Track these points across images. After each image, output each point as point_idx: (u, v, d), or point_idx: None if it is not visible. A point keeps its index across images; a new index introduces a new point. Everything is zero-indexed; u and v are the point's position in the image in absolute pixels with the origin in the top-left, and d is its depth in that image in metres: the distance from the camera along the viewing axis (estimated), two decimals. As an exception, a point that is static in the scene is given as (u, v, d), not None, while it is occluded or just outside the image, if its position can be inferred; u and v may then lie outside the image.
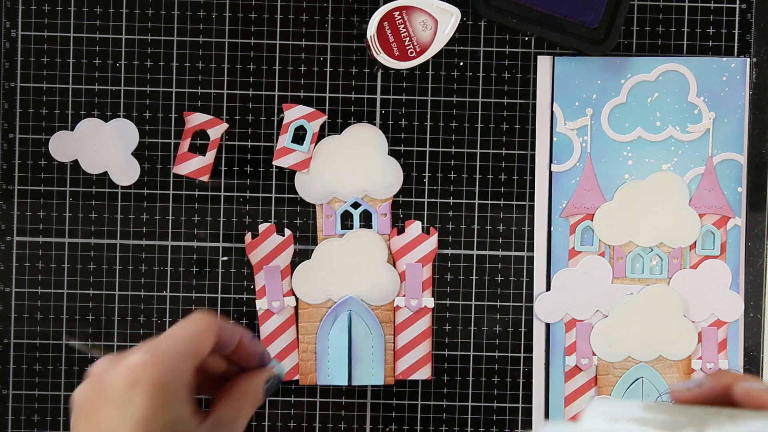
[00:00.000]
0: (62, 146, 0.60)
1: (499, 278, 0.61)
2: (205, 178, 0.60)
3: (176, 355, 0.47)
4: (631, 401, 0.38)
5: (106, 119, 0.60)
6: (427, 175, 0.61)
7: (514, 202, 0.61)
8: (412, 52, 0.57)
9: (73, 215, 0.61)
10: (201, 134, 0.60)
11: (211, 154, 0.60)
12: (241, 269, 0.61)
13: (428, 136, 0.61)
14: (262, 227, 0.61)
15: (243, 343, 0.48)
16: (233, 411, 0.49)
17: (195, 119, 0.60)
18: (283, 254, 0.61)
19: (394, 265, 0.61)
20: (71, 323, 0.61)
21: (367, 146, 0.61)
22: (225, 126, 0.60)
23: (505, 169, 0.61)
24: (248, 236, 0.61)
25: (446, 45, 0.59)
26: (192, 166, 0.60)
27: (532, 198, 0.61)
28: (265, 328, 0.61)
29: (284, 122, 0.60)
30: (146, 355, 0.46)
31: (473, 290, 0.61)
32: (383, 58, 0.56)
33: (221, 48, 0.60)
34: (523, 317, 0.62)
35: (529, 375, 0.62)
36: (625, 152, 0.61)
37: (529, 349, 0.62)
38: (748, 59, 0.61)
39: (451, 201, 0.61)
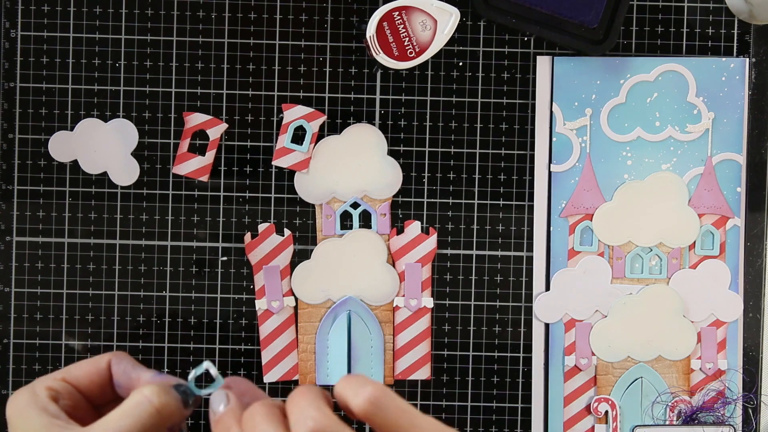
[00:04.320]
0: (62, 146, 0.60)
1: (499, 278, 0.61)
2: (204, 178, 0.60)
3: None
4: None
5: (105, 119, 0.60)
6: (426, 175, 0.61)
7: (514, 202, 0.61)
8: (411, 53, 0.57)
9: (72, 215, 0.61)
10: (200, 134, 0.60)
11: (210, 154, 0.60)
12: (240, 269, 0.61)
13: (427, 136, 0.61)
14: (262, 227, 0.61)
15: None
16: None
17: (194, 119, 0.60)
18: (282, 254, 0.61)
19: (394, 265, 0.61)
20: (71, 323, 0.61)
21: (366, 146, 0.61)
22: (224, 126, 0.60)
23: (504, 169, 0.61)
24: (248, 236, 0.61)
25: (445, 45, 0.59)
26: (191, 166, 0.60)
27: (531, 198, 0.61)
28: (265, 328, 0.61)
29: (284, 122, 0.60)
30: None
31: (472, 290, 0.61)
32: (383, 58, 0.56)
33: (221, 48, 0.60)
34: (523, 317, 0.62)
35: (528, 375, 0.62)
36: (624, 152, 0.61)
37: (528, 349, 0.62)
38: (747, 59, 0.61)
39: (451, 201, 0.61)
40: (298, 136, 0.60)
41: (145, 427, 0.40)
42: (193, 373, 0.42)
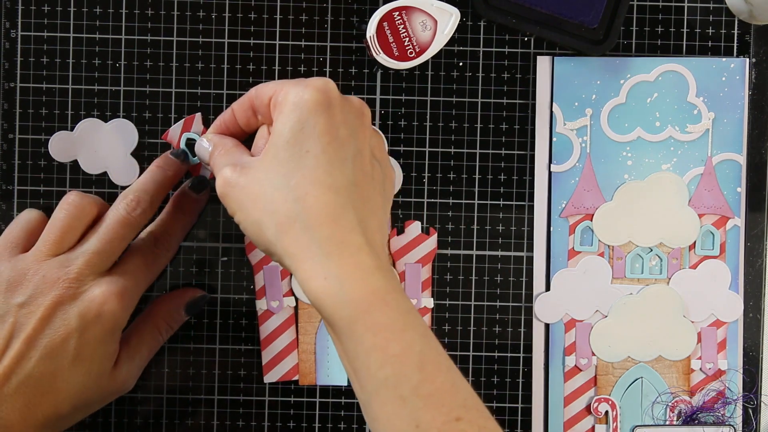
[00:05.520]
0: (62, 146, 0.60)
1: (499, 278, 0.61)
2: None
3: (135, 297, 0.54)
4: None
5: (105, 119, 0.60)
6: (426, 175, 0.61)
7: (514, 203, 0.61)
8: (411, 53, 0.57)
9: (72, 215, 0.60)
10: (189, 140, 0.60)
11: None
12: (240, 269, 0.61)
13: (428, 136, 0.61)
14: (262, 227, 0.61)
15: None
16: (142, 346, 0.57)
17: (174, 133, 0.60)
18: (282, 254, 0.61)
19: (394, 265, 0.61)
20: (71, 323, 0.61)
21: (366, 146, 0.61)
22: (199, 116, 0.60)
23: (504, 170, 0.61)
24: (248, 236, 0.61)
25: (446, 45, 0.59)
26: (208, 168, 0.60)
27: (531, 198, 0.61)
28: (265, 329, 0.61)
29: (284, 122, 0.60)
30: (120, 294, 0.52)
31: (473, 290, 0.61)
32: (383, 59, 0.56)
33: (221, 48, 0.60)
34: (523, 317, 0.62)
35: (528, 375, 0.62)
36: (624, 152, 0.61)
37: (528, 349, 0.62)
38: (748, 59, 0.61)
39: (451, 201, 0.61)
40: (298, 136, 0.60)
41: (156, 180, 0.56)
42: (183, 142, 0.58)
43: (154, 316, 0.58)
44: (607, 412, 0.61)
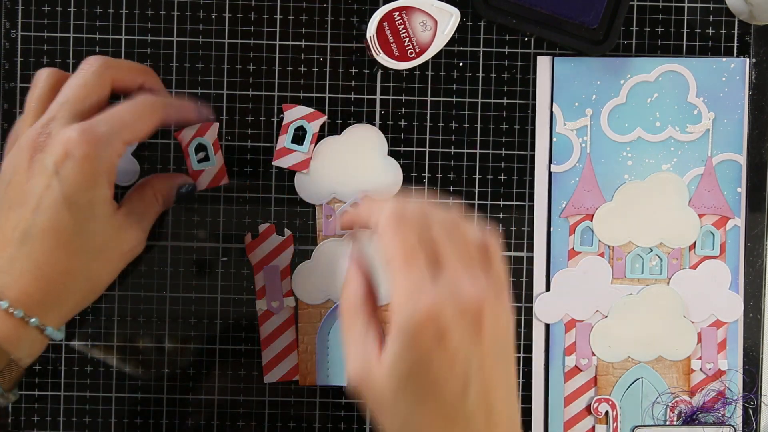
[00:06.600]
0: (62, 146, 0.60)
1: (499, 278, 0.61)
2: (225, 180, 0.60)
3: (111, 138, 0.50)
4: None
5: (105, 119, 0.60)
6: (426, 175, 0.61)
7: (514, 203, 0.61)
8: (411, 53, 0.57)
9: (72, 215, 0.60)
10: (199, 146, 0.60)
11: (218, 158, 0.60)
12: (240, 270, 0.61)
13: (428, 137, 0.61)
14: (262, 228, 0.61)
15: (190, 119, 0.57)
16: (143, 205, 0.55)
17: (186, 135, 0.60)
18: (282, 255, 0.61)
19: (394, 266, 0.61)
20: (71, 323, 0.61)
21: (366, 146, 0.61)
22: (216, 125, 0.60)
23: (504, 170, 0.61)
24: (248, 237, 0.61)
25: (446, 45, 0.59)
26: (207, 177, 0.60)
27: (531, 198, 0.61)
28: (265, 329, 0.61)
29: (284, 123, 0.60)
30: (82, 132, 0.49)
31: (473, 290, 0.61)
32: (383, 59, 0.56)
33: (221, 48, 0.60)
34: (523, 317, 0.62)
35: (528, 375, 0.62)
36: (624, 152, 0.61)
37: (528, 349, 0.62)
38: (748, 60, 0.61)
39: (451, 201, 0.61)
40: (299, 137, 0.60)
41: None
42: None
43: (151, 185, 0.56)
44: (607, 413, 0.61)
